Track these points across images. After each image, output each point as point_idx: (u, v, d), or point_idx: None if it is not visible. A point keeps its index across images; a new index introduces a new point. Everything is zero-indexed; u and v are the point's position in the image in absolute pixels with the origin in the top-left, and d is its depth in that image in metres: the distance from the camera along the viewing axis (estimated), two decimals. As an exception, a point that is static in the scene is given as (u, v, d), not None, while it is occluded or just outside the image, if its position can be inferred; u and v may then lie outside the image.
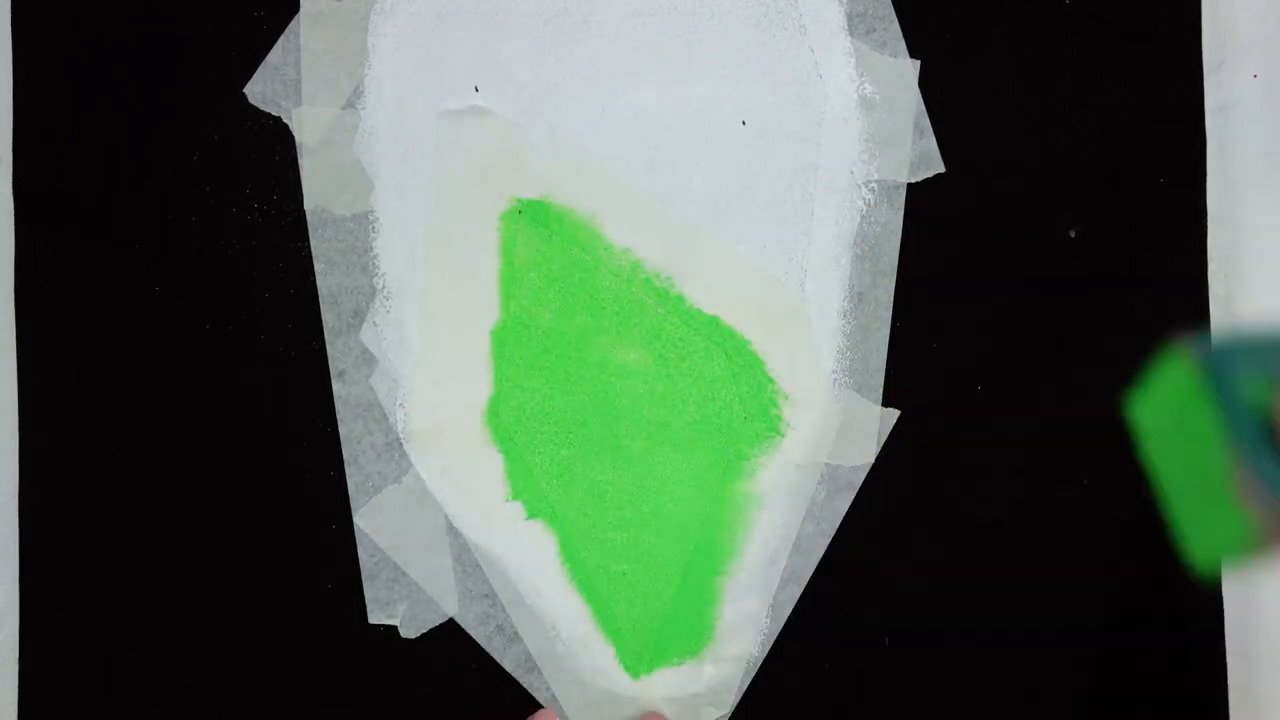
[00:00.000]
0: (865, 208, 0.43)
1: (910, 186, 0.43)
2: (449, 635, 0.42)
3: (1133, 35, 0.43)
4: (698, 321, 0.41)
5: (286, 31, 0.42)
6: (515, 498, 0.41)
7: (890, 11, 0.43)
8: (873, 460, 0.42)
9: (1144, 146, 0.43)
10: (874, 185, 0.43)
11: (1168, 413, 0.22)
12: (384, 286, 0.42)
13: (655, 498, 0.41)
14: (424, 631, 0.42)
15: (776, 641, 0.42)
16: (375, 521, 0.41)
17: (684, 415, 0.41)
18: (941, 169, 0.43)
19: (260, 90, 0.42)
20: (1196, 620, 0.42)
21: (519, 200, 0.42)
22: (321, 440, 0.42)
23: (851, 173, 0.43)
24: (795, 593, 0.42)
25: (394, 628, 0.42)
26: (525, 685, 0.42)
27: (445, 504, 0.41)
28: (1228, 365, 0.21)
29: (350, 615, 0.42)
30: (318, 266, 0.42)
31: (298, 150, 0.42)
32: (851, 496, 0.42)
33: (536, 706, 0.42)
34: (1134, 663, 0.42)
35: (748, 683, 0.42)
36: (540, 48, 0.42)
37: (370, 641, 0.42)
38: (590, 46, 0.42)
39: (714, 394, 0.42)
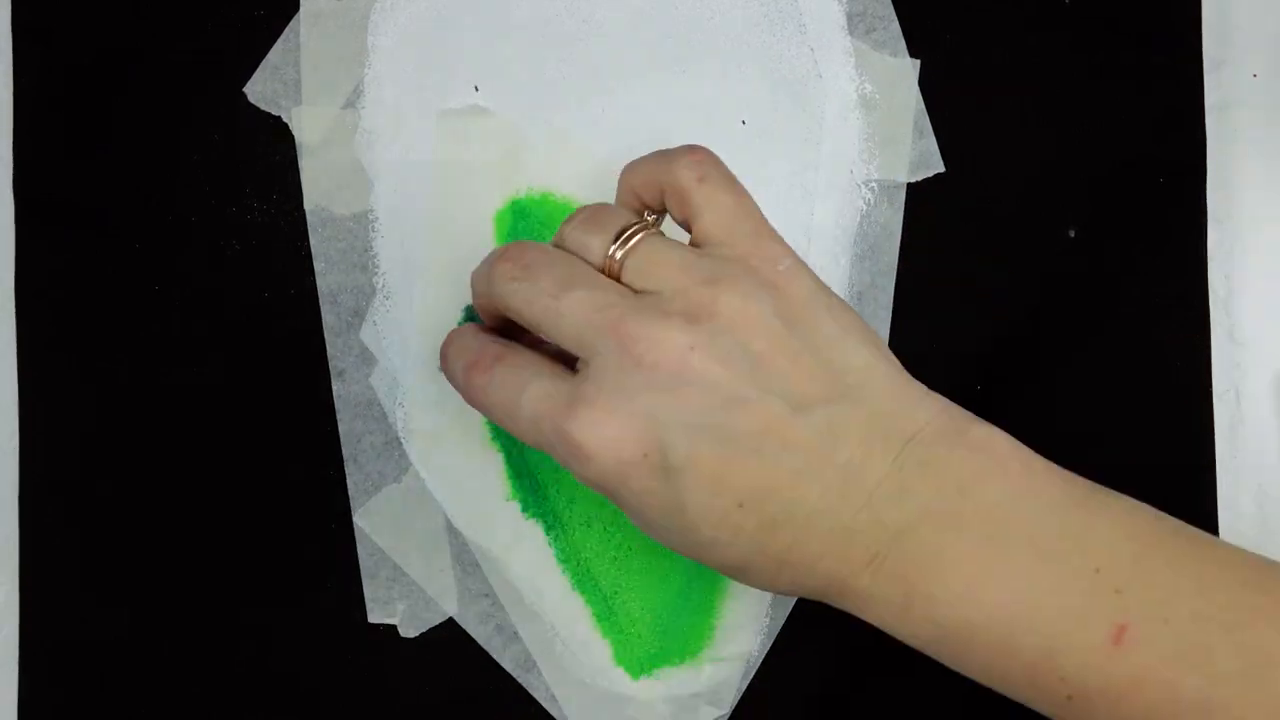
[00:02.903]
0: (865, 208, 0.43)
1: (910, 186, 0.43)
2: (449, 635, 0.42)
3: (1133, 35, 0.44)
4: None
5: (286, 31, 0.42)
6: (515, 497, 0.41)
7: (890, 11, 0.43)
8: (873, 460, 0.42)
9: (1144, 146, 0.43)
10: (874, 185, 0.43)
11: None
12: (384, 286, 0.42)
13: (655, 497, 0.41)
14: (424, 631, 0.42)
15: (776, 641, 0.42)
16: (375, 521, 0.41)
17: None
18: (941, 169, 0.43)
19: (260, 90, 0.42)
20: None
21: (517, 200, 0.42)
22: (321, 440, 0.42)
23: (851, 173, 0.43)
24: (795, 592, 0.42)
25: (394, 627, 0.42)
26: (525, 685, 0.42)
27: (445, 503, 0.41)
28: None
29: (350, 615, 0.42)
30: (318, 266, 0.42)
31: (298, 150, 0.42)
32: (851, 496, 0.42)
33: (536, 706, 0.42)
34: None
35: (747, 682, 0.42)
36: (540, 48, 0.42)
37: (370, 641, 0.42)
38: (590, 47, 0.42)
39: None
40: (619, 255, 0.33)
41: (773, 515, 0.31)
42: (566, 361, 0.34)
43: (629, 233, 0.33)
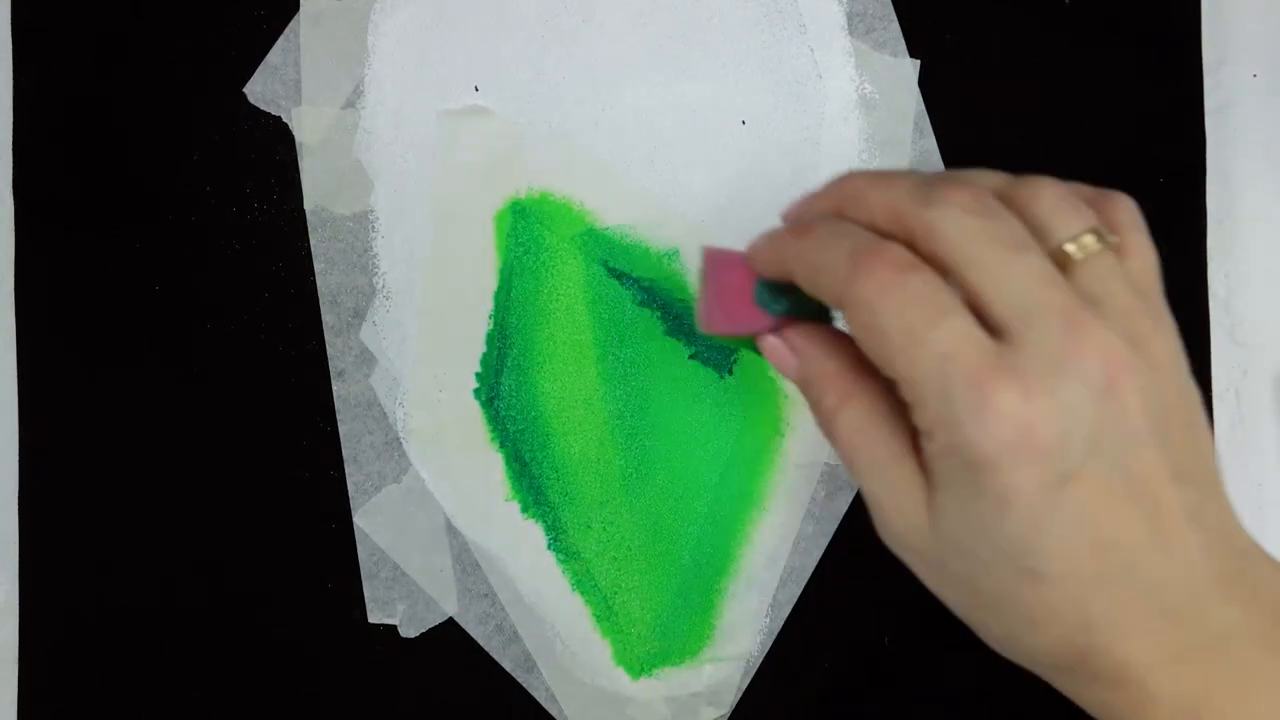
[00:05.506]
0: (865, 208, 0.43)
1: (910, 186, 0.43)
2: (449, 635, 0.42)
3: (1133, 35, 0.43)
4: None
5: (286, 31, 0.42)
6: (515, 497, 0.41)
7: (890, 11, 0.43)
8: (873, 460, 0.42)
9: (1144, 146, 0.43)
10: (874, 185, 0.43)
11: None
12: (384, 286, 0.42)
13: (654, 497, 0.41)
14: (424, 631, 0.42)
15: (776, 641, 0.42)
16: (375, 521, 0.41)
17: (683, 414, 0.41)
18: (941, 169, 0.43)
19: (260, 90, 0.42)
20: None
21: (517, 200, 0.42)
22: (321, 440, 0.42)
23: (851, 173, 0.43)
24: (795, 592, 0.42)
25: (394, 627, 0.42)
26: (525, 685, 0.42)
27: (445, 503, 0.41)
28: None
29: (350, 615, 0.42)
30: (318, 266, 0.42)
31: (298, 150, 0.42)
32: (851, 496, 0.42)
33: (536, 706, 0.42)
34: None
35: (747, 682, 0.42)
36: (540, 48, 0.42)
37: (370, 641, 0.42)
38: (590, 46, 0.42)
39: (713, 393, 0.42)
40: (1094, 248, 0.30)
41: (1109, 569, 0.29)
42: None
43: (1100, 236, 0.30)
